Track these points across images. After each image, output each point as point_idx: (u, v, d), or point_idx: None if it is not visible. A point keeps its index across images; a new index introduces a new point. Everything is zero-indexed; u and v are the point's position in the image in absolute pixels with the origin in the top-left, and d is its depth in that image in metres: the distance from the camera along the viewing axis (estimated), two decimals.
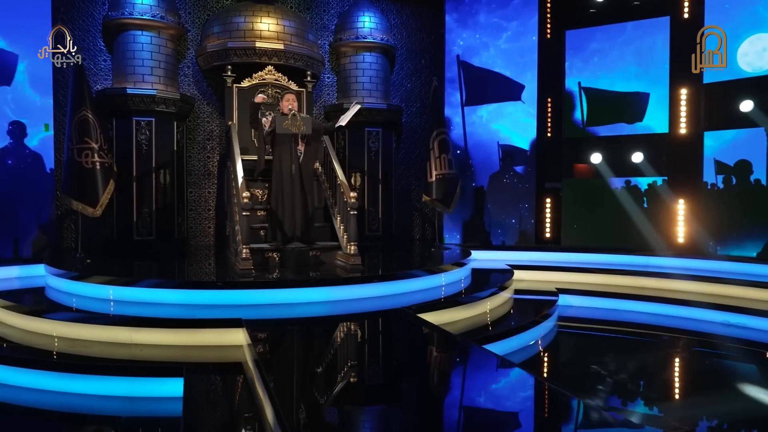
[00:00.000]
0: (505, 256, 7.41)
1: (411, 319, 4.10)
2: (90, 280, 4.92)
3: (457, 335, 4.01)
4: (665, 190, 7.05)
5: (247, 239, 5.02)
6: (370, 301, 4.66)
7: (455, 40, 7.94)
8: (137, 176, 6.78)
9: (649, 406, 3.65)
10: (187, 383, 3.18)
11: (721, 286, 6.10)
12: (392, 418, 2.45)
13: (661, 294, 6.17)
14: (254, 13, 7.03)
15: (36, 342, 4.21)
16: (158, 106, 6.83)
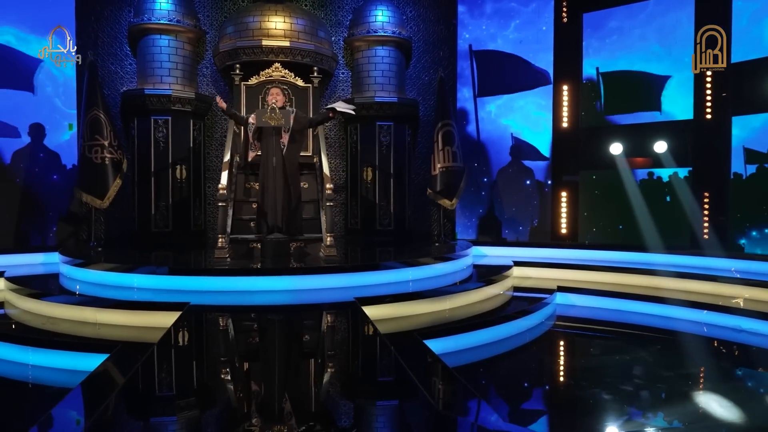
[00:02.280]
0: (515, 252, 7.16)
1: (352, 313, 4.07)
2: (93, 267, 5.31)
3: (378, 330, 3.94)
4: (689, 181, 6.47)
5: (222, 229, 5.21)
6: (326, 292, 4.67)
7: (467, 30, 7.75)
8: (155, 172, 7.22)
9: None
10: (108, 359, 3.37)
11: (745, 288, 5.52)
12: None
13: (676, 295, 5.68)
14: (263, 13, 7.25)
15: (29, 320, 4.63)
16: (174, 105, 7.23)
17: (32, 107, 6.71)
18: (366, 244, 7.24)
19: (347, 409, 2.49)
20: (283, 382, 2.87)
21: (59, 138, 6.83)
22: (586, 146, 7.17)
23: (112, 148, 6.28)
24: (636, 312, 5.65)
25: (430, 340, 4.02)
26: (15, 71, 6.63)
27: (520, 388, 3.71)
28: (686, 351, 4.65)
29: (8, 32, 6.61)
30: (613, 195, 6.97)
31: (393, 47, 7.84)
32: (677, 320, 5.30)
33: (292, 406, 2.45)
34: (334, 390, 2.72)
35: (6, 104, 6.57)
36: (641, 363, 4.26)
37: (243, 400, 2.60)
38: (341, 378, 2.96)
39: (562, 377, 4.05)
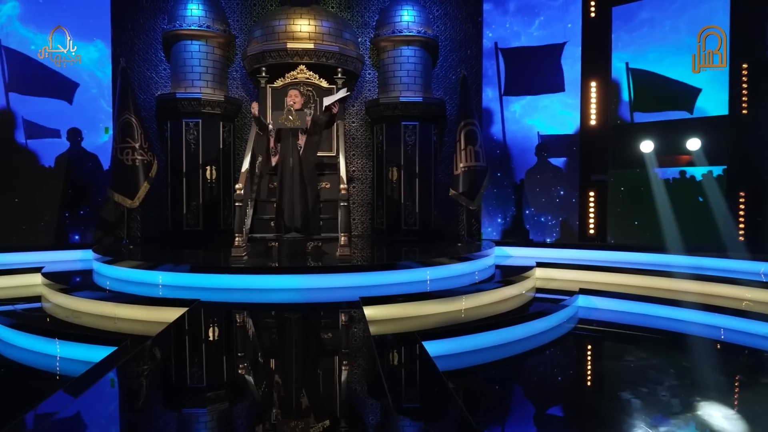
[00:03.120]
0: (541, 253, 7.01)
1: (351, 312, 4.09)
2: (120, 264, 5.57)
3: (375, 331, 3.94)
4: (723, 180, 6.15)
5: (239, 228, 5.35)
6: (335, 291, 4.72)
7: (490, 28, 7.62)
8: (186, 172, 7.49)
9: None
10: (116, 351, 3.53)
11: None
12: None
13: (705, 300, 5.42)
14: (289, 16, 7.39)
15: (57, 313, 4.91)
16: (204, 108, 7.48)
17: (77, 109, 7.08)
18: (389, 244, 7.25)
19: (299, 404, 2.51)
20: (262, 375, 2.94)
21: (98, 140, 7.16)
22: (615, 145, 6.93)
23: (142, 150, 6.55)
24: (662, 317, 5.41)
25: (433, 341, 4.01)
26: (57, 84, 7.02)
27: (508, 395, 3.62)
28: (703, 358, 4.43)
29: (55, 40, 7.00)
30: (644, 195, 6.70)
31: (419, 47, 7.83)
32: (704, 326, 5.05)
33: (262, 396, 2.50)
34: (298, 385, 2.76)
35: (50, 108, 6.95)
36: (656, 370, 4.08)
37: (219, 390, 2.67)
38: (312, 375, 2.99)
39: (566, 383, 3.94)
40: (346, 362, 3.18)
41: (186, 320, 3.82)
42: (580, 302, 5.80)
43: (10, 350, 4.43)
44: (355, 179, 8.25)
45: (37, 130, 6.86)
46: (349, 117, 8.27)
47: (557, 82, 7.14)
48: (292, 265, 5.06)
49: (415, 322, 4.42)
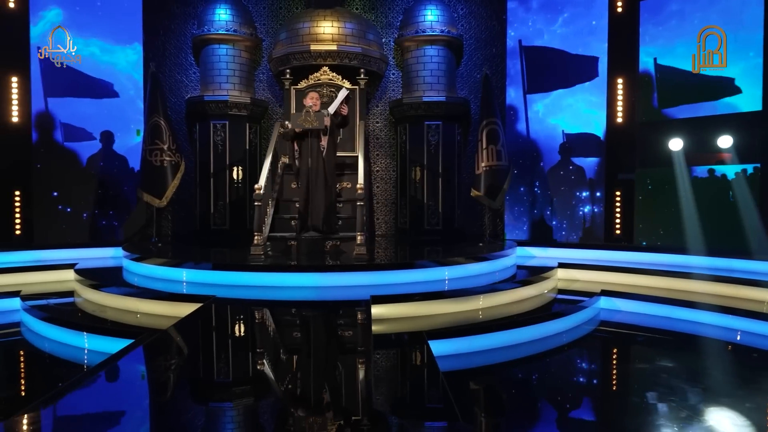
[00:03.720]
0: (565, 254, 6.89)
1: (357, 311, 4.12)
2: (146, 261, 5.78)
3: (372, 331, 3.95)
4: (756, 179, 5.91)
5: (258, 227, 5.47)
6: (348, 290, 4.76)
7: (513, 27, 7.54)
8: (214, 173, 7.70)
9: None
10: (132, 344, 3.68)
11: None
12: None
13: (734, 303, 5.23)
14: (312, 19, 7.50)
15: (86, 307, 5.14)
16: (231, 110, 7.67)
17: (114, 110, 7.39)
18: (410, 243, 7.27)
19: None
20: (253, 365, 3.01)
21: (131, 141, 7.43)
22: (643, 142, 6.74)
23: (170, 151, 6.77)
24: (687, 320, 5.23)
25: (441, 340, 4.02)
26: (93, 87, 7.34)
27: (507, 396, 3.58)
28: (721, 362, 4.27)
29: (94, 44, 7.32)
30: (672, 194, 6.50)
31: (442, 46, 7.81)
32: (730, 331, 4.87)
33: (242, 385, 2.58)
34: (283, 377, 2.81)
35: (86, 111, 7.27)
36: (670, 375, 3.97)
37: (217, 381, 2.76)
38: (302, 369, 3.03)
39: (573, 387, 3.87)
40: (342, 357, 3.23)
41: (197, 315, 3.94)
42: (603, 304, 5.69)
43: (41, 341, 4.67)
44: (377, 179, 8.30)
45: (73, 132, 7.19)
46: (373, 117, 8.33)
47: (582, 80, 7.01)
48: (305, 264, 5.15)
49: (426, 321, 4.42)
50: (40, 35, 7.03)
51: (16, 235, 6.95)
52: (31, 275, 6.23)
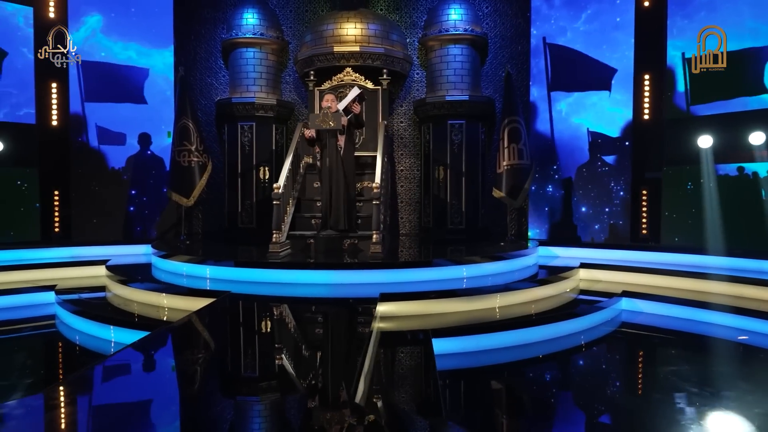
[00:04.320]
0: (590, 254, 6.77)
1: (365, 307, 4.17)
2: (173, 258, 6.01)
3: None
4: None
5: (277, 225, 5.61)
6: (360, 287, 4.82)
7: (535, 25, 7.45)
8: (241, 173, 7.92)
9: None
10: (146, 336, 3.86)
11: None
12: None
13: (760, 306, 5.04)
14: (336, 20, 7.61)
15: (114, 301, 5.39)
16: (257, 111, 7.87)
17: (150, 111, 7.70)
18: (432, 242, 7.28)
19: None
20: (243, 356, 3.12)
21: (164, 142, 7.71)
22: (670, 140, 6.55)
23: (198, 152, 7.01)
24: (711, 323, 5.08)
25: (446, 338, 4.05)
26: (132, 86, 7.67)
27: (503, 395, 3.56)
28: (741, 366, 4.13)
29: (132, 48, 7.66)
30: (700, 193, 6.30)
31: (466, 45, 7.79)
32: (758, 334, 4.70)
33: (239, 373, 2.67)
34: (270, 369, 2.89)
35: (122, 113, 7.61)
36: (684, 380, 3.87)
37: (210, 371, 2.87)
38: (295, 361, 3.10)
39: (576, 389, 3.82)
40: (336, 350, 3.29)
41: (207, 309, 4.10)
42: (625, 305, 5.58)
43: (72, 333, 4.94)
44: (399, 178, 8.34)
45: (108, 134, 7.53)
46: (397, 117, 8.38)
47: (606, 77, 6.87)
48: (318, 261, 5.25)
49: (437, 319, 4.45)
50: (83, 39, 7.40)
51: (55, 232, 7.32)
52: (67, 270, 6.58)
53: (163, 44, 7.78)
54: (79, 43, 7.36)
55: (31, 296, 5.91)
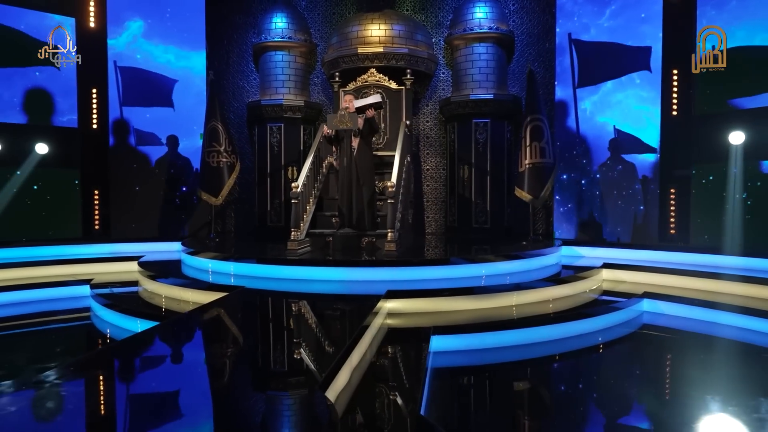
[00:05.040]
0: (615, 254, 6.62)
1: (366, 304, 4.23)
2: (200, 255, 6.26)
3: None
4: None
5: (295, 223, 5.76)
6: (371, 284, 4.89)
7: (557, 23, 7.33)
8: (270, 173, 8.15)
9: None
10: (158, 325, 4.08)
11: None
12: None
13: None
14: (361, 22, 7.73)
15: (143, 295, 5.69)
16: (286, 113, 8.08)
17: (183, 112, 8.05)
18: (455, 241, 7.29)
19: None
20: (232, 346, 3.25)
21: (197, 143, 8.03)
22: (700, 137, 6.32)
23: (226, 153, 7.27)
24: (737, 327, 4.88)
25: (450, 336, 4.08)
26: (166, 91, 8.04)
27: (489, 396, 3.54)
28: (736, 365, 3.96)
29: (170, 51, 8.02)
30: (732, 191, 6.05)
31: (491, 43, 7.75)
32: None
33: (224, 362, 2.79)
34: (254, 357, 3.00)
35: (158, 115, 7.98)
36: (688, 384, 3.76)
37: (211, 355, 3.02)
38: (280, 348, 3.21)
39: (571, 391, 3.77)
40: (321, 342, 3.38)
41: (217, 303, 4.29)
42: (646, 307, 5.44)
43: (103, 325, 5.25)
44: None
45: (144, 136, 7.90)
46: (423, 116, 8.42)
47: (643, 58, 6.67)
48: (327, 259, 5.36)
49: (442, 317, 4.47)
50: (125, 44, 7.81)
51: (95, 229, 7.75)
52: (105, 266, 6.96)
53: (199, 47, 8.11)
54: (122, 48, 7.78)
55: (71, 289, 6.30)
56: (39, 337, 5.18)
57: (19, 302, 6.04)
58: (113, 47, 7.79)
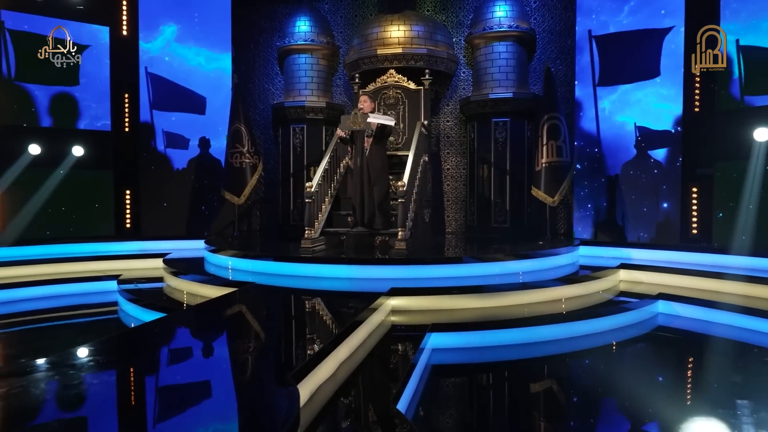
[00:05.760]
0: (636, 254, 6.51)
1: (364, 300, 4.31)
2: (220, 253, 6.50)
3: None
4: None
5: (308, 222, 5.91)
6: (377, 282, 4.97)
7: (580, 18, 7.22)
8: (293, 173, 8.35)
9: None
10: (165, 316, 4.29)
11: None
12: None
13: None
14: (380, 24, 7.83)
15: (166, 290, 5.96)
16: (308, 114, 8.26)
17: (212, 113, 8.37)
18: (471, 240, 7.29)
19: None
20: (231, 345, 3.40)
21: (224, 144, 8.31)
22: (723, 134, 6.13)
23: (249, 154, 7.50)
24: (758, 331, 4.73)
25: (449, 333, 4.14)
26: (194, 96, 8.36)
27: (480, 394, 3.57)
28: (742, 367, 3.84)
29: (202, 54, 8.34)
30: (756, 190, 5.85)
31: (511, 42, 7.72)
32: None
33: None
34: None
35: (186, 118, 8.30)
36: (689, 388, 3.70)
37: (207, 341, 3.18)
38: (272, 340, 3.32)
39: (563, 393, 3.75)
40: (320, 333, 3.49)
41: (224, 298, 4.47)
42: (662, 308, 5.33)
43: (127, 318, 5.53)
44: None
45: (173, 139, 8.23)
46: (444, 116, 8.45)
47: (653, 69, 6.54)
48: (339, 257, 5.47)
49: (445, 315, 4.51)
50: (160, 48, 8.16)
51: (127, 228, 8.13)
52: (135, 262, 7.31)
53: (228, 50, 8.40)
54: (157, 52, 8.14)
55: (102, 284, 6.65)
56: (66, 329, 5.49)
57: (54, 295, 6.42)
58: (148, 51, 8.15)
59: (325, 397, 2.79)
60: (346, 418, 2.63)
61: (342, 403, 2.76)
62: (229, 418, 2.12)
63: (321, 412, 2.62)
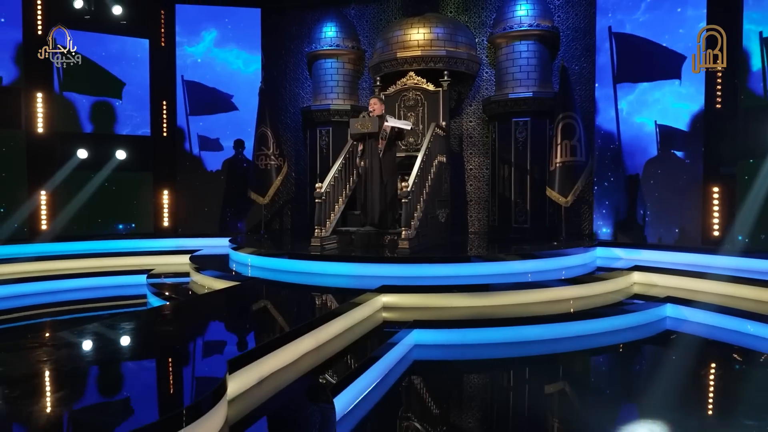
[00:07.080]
0: (654, 256, 6.32)
1: (349, 297, 4.44)
2: (241, 251, 6.86)
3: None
4: None
5: (318, 221, 6.14)
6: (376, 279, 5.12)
7: (600, 14, 7.07)
8: (319, 174, 8.61)
9: None
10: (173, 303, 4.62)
11: None
12: None
13: None
14: (402, 27, 7.97)
15: (190, 285, 6.37)
16: (333, 117, 8.53)
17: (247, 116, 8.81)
18: (487, 240, 7.30)
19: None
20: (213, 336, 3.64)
21: None
22: (747, 130, 5.85)
23: (274, 156, 7.84)
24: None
25: (434, 330, 4.25)
26: (226, 99, 8.81)
27: (457, 392, 3.62)
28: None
29: (241, 57, 8.79)
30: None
31: (533, 41, 7.66)
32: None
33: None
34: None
35: (221, 120, 8.76)
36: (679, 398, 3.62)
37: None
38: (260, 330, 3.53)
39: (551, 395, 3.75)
40: (273, 329, 3.68)
41: (225, 291, 4.77)
42: (670, 312, 5.18)
43: None
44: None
45: (207, 142, 8.71)
46: (466, 116, 8.48)
47: (674, 67, 6.33)
48: (340, 255, 5.66)
49: (434, 312, 4.60)
50: (203, 53, 8.66)
51: (165, 226, 8.68)
52: (170, 258, 7.81)
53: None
54: (200, 56, 8.64)
55: (138, 278, 7.17)
56: (94, 320, 5.99)
57: (94, 287, 7.02)
58: (192, 55, 8.64)
59: (280, 384, 2.98)
60: (283, 406, 2.80)
61: (285, 392, 2.93)
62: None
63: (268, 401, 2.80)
